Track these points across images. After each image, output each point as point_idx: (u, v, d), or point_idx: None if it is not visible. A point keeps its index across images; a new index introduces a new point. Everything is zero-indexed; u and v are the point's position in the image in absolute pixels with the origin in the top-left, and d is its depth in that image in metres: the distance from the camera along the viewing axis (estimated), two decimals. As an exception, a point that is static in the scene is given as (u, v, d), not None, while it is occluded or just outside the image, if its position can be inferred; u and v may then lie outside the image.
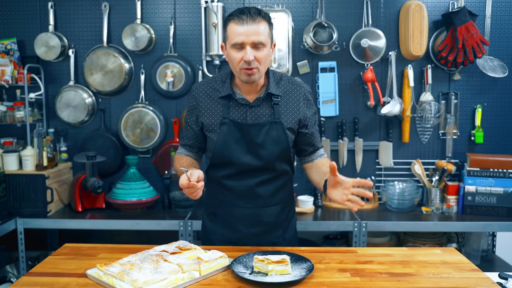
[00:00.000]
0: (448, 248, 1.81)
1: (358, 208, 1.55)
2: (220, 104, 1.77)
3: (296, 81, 1.83)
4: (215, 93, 1.78)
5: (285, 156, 1.79)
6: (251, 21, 1.60)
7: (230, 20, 1.64)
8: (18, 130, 3.07)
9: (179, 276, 1.42)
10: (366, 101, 3.07)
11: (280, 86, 1.78)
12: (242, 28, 1.60)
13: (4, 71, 2.86)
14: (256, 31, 1.60)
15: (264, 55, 1.64)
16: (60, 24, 3.11)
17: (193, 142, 1.87)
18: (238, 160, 1.75)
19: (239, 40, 1.61)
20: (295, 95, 1.79)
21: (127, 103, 3.11)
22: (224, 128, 1.75)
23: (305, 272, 1.47)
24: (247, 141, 1.74)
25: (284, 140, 1.75)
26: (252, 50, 1.62)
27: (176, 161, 1.88)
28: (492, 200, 2.80)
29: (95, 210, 2.92)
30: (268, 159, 1.75)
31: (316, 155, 1.90)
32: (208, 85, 1.81)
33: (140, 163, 3.10)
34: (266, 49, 1.65)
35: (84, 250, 1.73)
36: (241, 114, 1.75)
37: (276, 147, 1.75)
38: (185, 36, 3.10)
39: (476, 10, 3.00)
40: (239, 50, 1.63)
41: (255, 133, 1.73)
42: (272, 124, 1.74)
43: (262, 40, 1.62)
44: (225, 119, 1.75)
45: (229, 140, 1.74)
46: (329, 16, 3.03)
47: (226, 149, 1.75)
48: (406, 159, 3.13)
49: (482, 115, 3.07)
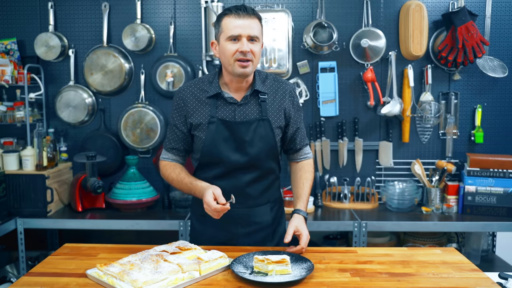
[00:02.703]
0: (448, 248, 1.81)
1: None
2: (208, 104, 1.77)
3: (280, 79, 1.87)
4: (203, 93, 1.79)
5: (273, 153, 1.81)
6: (247, 16, 1.67)
7: (226, 15, 1.69)
8: (18, 130, 3.07)
9: (179, 276, 1.42)
10: (366, 101, 3.07)
11: (266, 85, 1.81)
12: (239, 21, 1.66)
13: (4, 71, 2.86)
14: (252, 24, 1.67)
15: (258, 49, 1.70)
16: (60, 24, 3.11)
17: (180, 144, 1.84)
18: (226, 159, 1.76)
19: (236, 32, 1.65)
20: (280, 92, 1.82)
21: (127, 103, 3.11)
22: (212, 127, 1.75)
23: (305, 272, 1.47)
24: (236, 139, 1.76)
25: (272, 137, 1.78)
26: (248, 41, 1.67)
27: (169, 170, 1.84)
28: (492, 200, 2.80)
29: (95, 210, 2.92)
30: (256, 157, 1.77)
31: (300, 154, 1.93)
32: (195, 86, 1.81)
33: (140, 163, 3.10)
34: (259, 45, 1.71)
35: (84, 250, 1.73)
36: (229, 113, 1.76)
37: (263, 144, 1.77)
38: (185, 36, 3.10)
39: (476, 10, 3.00)
40: (235, 42, 1.67)
41: (243, 130, 1.75)
42: (260, 122, 1.76)
43: (257, 34, 1.69)
44: (213, 118, 1.75)
45: (217, 139, 1.75)
46: (329, 16, 3.03)
47: (215, 147, 1.76)
48: (406, 159, 3.13)
49: (482, 115, 3.07)
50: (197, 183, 1.73)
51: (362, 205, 2.99)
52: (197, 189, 1.72)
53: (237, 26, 1.65)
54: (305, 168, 1.91)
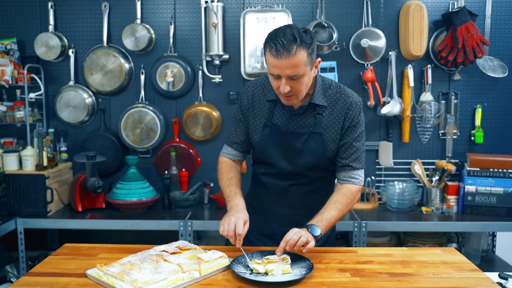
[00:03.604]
0: (448, 248, 1.81)
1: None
2: (267, 107, 1.77)
3: (345, 90, 1.75)
4: (264, 95, 1.78)
5: (321, 165, 1.77)
6: (286, 53, 1.49)
7: (266, 48, 1.56)
8: (18, 130, 3.07)
9: (179, 276, 1.42)
10: (366, 101, 3.06)
11: (327, 96, 1.72)
12: (276, 61, 1.52)
13: (4, 71, 2.85)
14: (291, 64, 1.51)
15: (301, 83, 1.58)
16: (60, 24, 3.11)
17: (244, 138, 1.84)
18: (275, 163, 1.78)
19: (274, 72, 1.56)
20: (340, 104, 1.72)
21: (127, 103, 3.11)
22: (267, 130, 1.76)
23: (305, 271, 1.47)
24: (286, 147, 1.75)
25: (322, 151, 1.72)
26: (288, 80, 1.56)
27: (222, 170, 1.85)
28: (492, 200, 2.80)
29: (95, 210, 2.92)
30: (303, 167, 1.75)
31: (345, 176, 1.75)
32: (261, 86, 1.80)
33: (140, 163, 3.10)
34: (305, 77, 1.57)
35: (84, 250, 1.73)
36: (284, 120, 1.75)
37: (312, 157, 1.73)
38: (185, 36, 3.10)
39: (476, 10, 2.99)
40: (276, 79, 1.58)
41: (293, 141, 1.73)
42: (311, 135, 1.72)
43: (299, 72, 1.54)
44: (268, 122, 1.75)
45: (269, 143, 1.76)
46: (329, 16, 3.03)
47: (265, 151, 1.77)
48: (406, 159, 3.13)
49: (482, 115, 3.07)
50: (232, 200, 1.72)
51: (362, 205, 2.99)
52: (229, 203, 1.73)
53: (276, 66, 1.53)
54: (343, 191, 1.72)
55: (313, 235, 1.56)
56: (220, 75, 3.06)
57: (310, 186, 1.80)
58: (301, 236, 1.51)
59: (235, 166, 1.87)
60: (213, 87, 3.10)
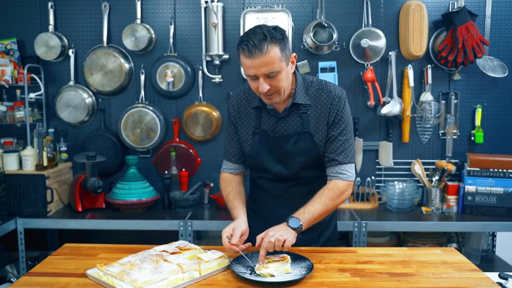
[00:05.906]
0: (448, 248, 1.81)
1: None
2: (253, 115, 1.78)
3: (327, 85, 1.74)
4: (249, 103, 1.79)
5: (316, 164, 1.77)
6: (259, 51, 1.51)
7: (239, 51, 1.57)
8: (18, 130, 3.07)
9: (179, 276, 1.42)
10: (366, 101, 3.07)
11: (309, 94, 1.72)
12: (250, 61, 1.53)
13: (4, 71, 2.85)
14: (265, 62, 1.52)
15: (279, 80, 1.58)
16: (60, 24, 3.11)
17: (240, 150, 1.85)
18: (270, 169, 1.78)
19: (251, 73, 1.56)
20: (323, 101, 1.71)
21: (127, 103, 3.11)
22: (256, 138, 1.77)
23: (305, 271, 1.47)
24: (277, 151, 1.76)
25: (314, 149, 1.73)
26: (266, 79, 1.56)
27: (223, 186, 1.88)
28: (492, 200, 2.80)
29: (95, 210, 2.92)
30: (298, 168, 1.76)
31: (332, 171, 1.73)
32: (245, 95, 1.81)
33: (140, 163, 3.10)
34: (282, 73, 1.58)
35: (84, 250, 1.73)
36: (271, 125, 1.75)
37: (305, 157, 1.73)
38: (185, 36, 3.10)
39: (476, 10, 2.99)
40: (254, 80, 1.59)
41: (283, 144, 1.74)
42: (300, 135, 1.72)
43: (275, 69, 1.54)
44: (257, 129, 1.77)
45: (261, 150, 1.77)
46: (329, 16, 3.03)
47: (259, 158, 1.78)
48: (406, 159, 3.13)
49: (482, 115, 3.07)
50: (234, 211, 1.77)
51: (362, 205, 2.99)
52: (232, 215, 1.78)
53: (251, 66, 1.54)
54: (329, 185, 1.70)
55: (291, 227, 1.56)
56: (220, 75, 3.06)
57: (308, 186, 1.80)
58: (276, 240, 1.50)
59: (235, 179, 1.88)
60: (213, 87, 3.10)
